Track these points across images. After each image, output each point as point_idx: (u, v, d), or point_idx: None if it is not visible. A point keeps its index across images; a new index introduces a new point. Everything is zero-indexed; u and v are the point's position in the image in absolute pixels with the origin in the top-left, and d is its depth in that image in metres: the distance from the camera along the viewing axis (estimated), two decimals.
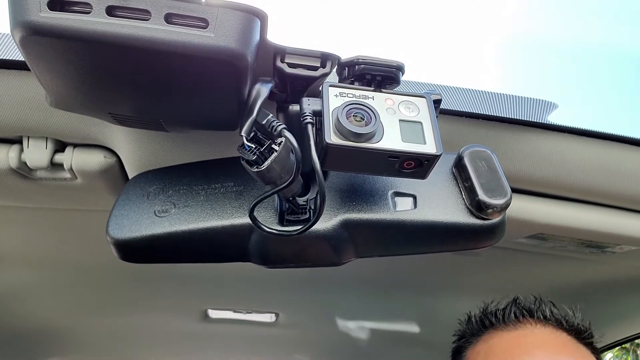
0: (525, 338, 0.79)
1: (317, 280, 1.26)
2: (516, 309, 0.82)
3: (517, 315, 0.81)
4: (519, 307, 0.82)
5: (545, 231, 0.80)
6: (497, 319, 0.83)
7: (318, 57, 0.49)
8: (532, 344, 0.78)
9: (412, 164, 0.46)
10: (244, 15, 0.40)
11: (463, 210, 0.53)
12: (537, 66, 0.67)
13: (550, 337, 0.79)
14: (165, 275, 1.24)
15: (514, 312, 0.82)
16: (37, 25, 0.37)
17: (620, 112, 0.71)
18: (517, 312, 0.82)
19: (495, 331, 0.82)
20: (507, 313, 0.82)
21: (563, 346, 0.78)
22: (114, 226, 0.55)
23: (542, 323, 0.81)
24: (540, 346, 0.78)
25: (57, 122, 0.64)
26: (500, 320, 0.82)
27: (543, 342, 0.78)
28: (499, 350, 0.79)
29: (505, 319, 0.82)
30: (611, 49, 0.68)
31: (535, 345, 0.78)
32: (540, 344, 0.78)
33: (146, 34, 0.38)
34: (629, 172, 0.71)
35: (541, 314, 0.81)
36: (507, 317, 0.82)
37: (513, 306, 0.83)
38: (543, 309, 0.82)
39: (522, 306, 0.82)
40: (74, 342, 1.64)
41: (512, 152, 0.67)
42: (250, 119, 0.44)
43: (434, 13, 0.63)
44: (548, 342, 0.78)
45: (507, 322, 0.82)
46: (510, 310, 0.82)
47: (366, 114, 0.45)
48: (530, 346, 0.78)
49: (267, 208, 0.54)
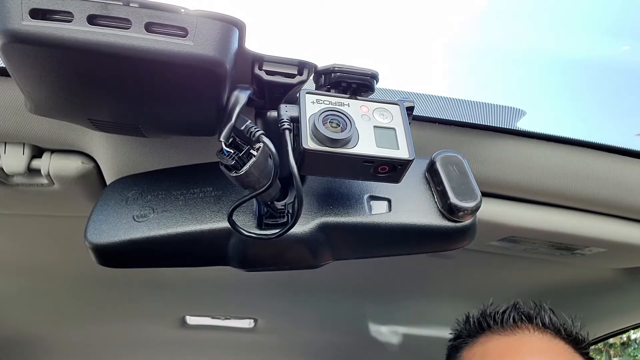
0: (522, 344, 0.79)
1: (295, 286, 1.27)
2: (515, 314, 0.82)
3: (516, 320, 0.81)
4: (518, 312, 0.82)
5: (517, 234, 0.82)
6: (495, 322, 0.82)
7: (295, 65, 0.50)
8: (528, 351, 0.78)
9: (387, 169, 0.47)
10: (223, 25, 0.41)
11: (435, 213, 0.55)
12: (505, 74, 0.70)
13: (547, 345, 0.79)
14: (143, 282, 1.23)
15: (512, 317, 0.81)
16: (19, 33, 0.37)
17: (586, 119, 0.74)
18: (516, 316, 0.81)
19: (492, 334, 0.82)
20: (506, 317, 0.82)
21: (558, 356, 0.78)
22: (93, 231, 0.56)
23: (540, 330, 0.80)
24: (536, 354, 0.77)
25: (35, 128, 0.64)
26: (498, 324, 0.82)
27: (539, 349, 0.78)
28: (494, 354, 0.79)
29: (504, 322, 0.81)
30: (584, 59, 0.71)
31: (531, 352, 0.77)
32: (536, 352, 0.78)
33: (127, 42, 0.39)
34: (595, 176, 0.74)
35: (540, 320, 0.81)
36: (506, 321, 0.81)
37: (512, 310, 0.82)
38: (542, 315, 0.81)
39: (522, 311, 0.82)
40: (50, 350, 1.61)
41: (483, 157, 0.70)
42: (229, 124, 0.45)
43: (408, 22, 0.64)
44: (544, 350, 0.78)
45: (505, 326, 0.81)
46: (510, 315, 0.82)
47: (342, 120, 0.47)
48: (526, 353, 0.77)
49: (245, 212, 0.55)
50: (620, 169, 0.74)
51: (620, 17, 0.68)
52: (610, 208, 0.79)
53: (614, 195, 0.76)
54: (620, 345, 3.93)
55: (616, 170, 0.74)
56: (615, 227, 0.81)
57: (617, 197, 0.76)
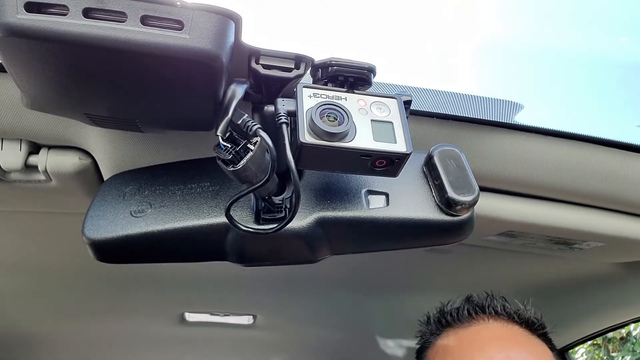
0: (478, 333, 0.82)
1: (294, 282, 1.27)
2: (469, 307, 0.86)
3: (470, 312, 0.85)
4: (472, 305, 0.86)
5: (515, 228, 0.82)
6: (452, 317, 0.86)
7: (292, 58, 0.50)
8: (484, 339, 0.81)
9: (384, 163, 0.47)
10: (219, 18, 0.41)
11: (433, 207, 0.55)
12: (504, 68, 0.70)
13: (502, 330, 0.82)
14: (142, 279, 1.23)
15: (467, 310, 0.85)
16: (14, 26, 0.37)
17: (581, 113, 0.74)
18: (470, 309, 0.85)
19: (451, 329, 0.86)
20: (461, 311, 0.86)
21: (514, 338, 0.82)
22: (90, 227, 0.55)
23: (494, 318, 0.84)
24: (492, 340, 0.81)
25: (32, 124, 0.63)
26: (455, 319, 0.86)
27: (495, 335, 0.82)
28: (454, 347, 0.82)
29: (460, 317, 0.85)
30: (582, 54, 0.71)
31: (488, 340, 0.81)
32: (493, 338, 0.81)
33: (122, 35, 0.39)
34: (593, 170, 0.74)
35: (492, 309, 0.84)
36: (461, 315, 0.85)
37: (466, 304, 0.86)
38: (494, 304, 0.85)
39: (475, 303, 0.86)
40: (49, 347, 1.62)
41: (481, 152, 0.70)
42: (226, 119, 0.45)
43: (406, 17, 0.64)
44: (500, 335, 0.82)
45: (462, 319, 0.85)
46: (464, 308, 0.86)
47: (339, 114, 0.47)
48: (483, 340, 0.81)
49: (243, 207, 0.55)
50: (618, 163, 0.74)
51: (615, 8, 0.68)
52: (608, 202, 0.79)
53: (612, 190, 0.76)
54: (619, 340, 3.94)
55: (614, 164, 0.74)
56: (613, 221, 0.81)
57: (615, 191, 0.76)
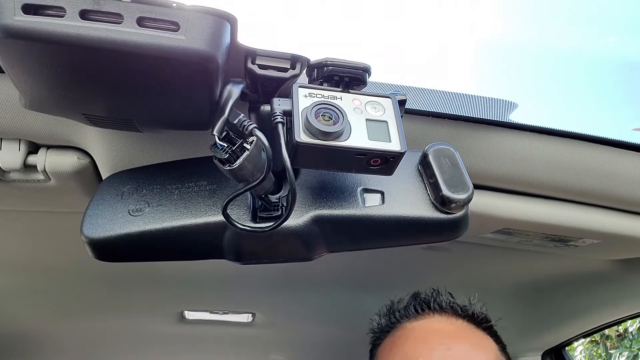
0: (422, 327, 0.86)
1: (293, 280, 1.28)
2: (415, 303, 0.89)
3: (417, 308, 0.88)
4: (418, 301, 0.89)
5: (511, 226, 0.83)
6: (400, 314, 0.89)
7: (288, 59, 0.51)
8: (428, 332, 0.84)
9: (379, 161, 0.48)
10: (214, 19, 0.42)
11: (428, 205, 0.55)
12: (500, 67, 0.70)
13: (446, 324, 0.86)
14: (141, 277, 1.23)
15: (413, 306, 0.88)
16: (12, 28, 0.38)
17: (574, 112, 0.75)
18: (417, 305, 0.88)
19: (400, 325, 0.89)
20: (408, 307, 0.89)
21: (457, 331, 0.85)
22: (88, 225, 0.56)
23: (439, 313, 0.87)
24: (435, 333, 0.84)
25: (30, 124, 0.64)
26: (402, 315, 0.89)
27: (438, 329, 0.85)
28: (400, 341, 0.85)
29: (407, 313, 0.88)
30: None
31: (431, 333, 0.84)
32: (436, 331, 0.84)
33: (119, 36, 0.39)
34: (587, 168, 0.74)
35: (437, 304, 0.87)
36: (408, 311, 0.88)
37: (413, 300, 0.89)
38: (439, 299, 0.88)
39: (421, 299, 0.89)
40: (49, 346, 1.62)
41: (475, 150, 0.70)
42: (222, 118, 0.46)
43: (402, 17, 0.65)
44: (443, 328, 0.85)
45: (409, 315, 0.88)
46: (410, 304, 0.89)
47: (334, 113, 0.47)
48: (427, 334, 0.84)
49: (240, 206, 0.55)
50: (612, 160, 0.74)
51: (603, 7, 0.68)
52: (603, 200, 0.79)
53: (607, 187, 0.77)
54: (616, 337, 3.94)
55: (608, 161, 0.74)
56: (608, 218, 0.82)
57: (609, 188, 0.77)
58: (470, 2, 0.66)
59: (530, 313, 1.27)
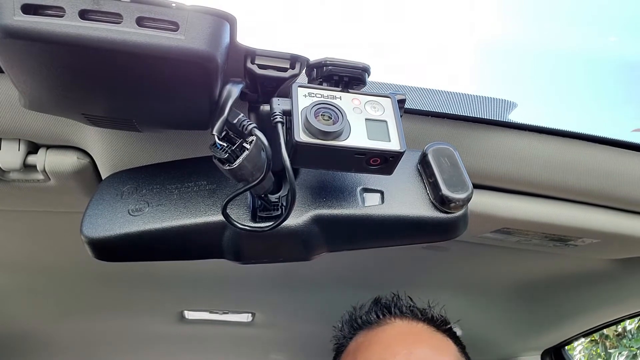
0: (384, 333, 0.86)
1: (293, 279, 1.28)
2: (376, 308, 0.89)
3: (378, 313, 0.89)
4: (379, 306, 0.90)
5: (510, 225, 0.83)
6: (362, 320, 0.90)
7: (287, 58, 0.51)
8: (390, 337, 0.85)
9: (378, 161, 0.48)
10: (214, 19, 0.42)
11: (427, 205, 0.56)
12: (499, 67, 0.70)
13: (407, 328, 0.87)
14: (141, 277, 1.23)
15: (374, 312, 0.89)
16: (11, 28, 0.38)
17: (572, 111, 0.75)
18: (378, 310, 0.89)
19: (362, 331, 0.89)
20: (369, 313, 0.89)
21: (418, 335, 0.86)
22: (88, 225, 0.56)
23: (400, 317, 0.88)
24: (397, 338, 0.85)
25: (30, 124, 0.64)
26: (364, 321, 0.89)
27: (400, 333, 0.86)
28: (363, 347, 0.86)
29: (369, 319, 0.89)
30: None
31: (393, 338, 0.85)
32: (397, 336, 0.85)
33: (118, 36, 0.39)
34: (587, 167, 0.74)
35: (398, 309, 0.89)
36: (370, 317, 0.89)
37: (374, 306, 0.90)
38: (400, 304, 0.89)
39: (382, 304, 0.90)
40: (49, 346, 1.62)
41: (475, 149, 0.70)
42: (222, 118, 0.46)
43: (401, 17, 0.65)
44: (404, 332, 0.86)
45: (371, 321, 0.89)
46: (372, 310, 0.90)
47: (334, 113, 0.47)
48: (389, 339, 0.85)
49: (239, 205, 0.55)
50: (611, 160, 0.74)
51: (603, 7, 0.68)
52: (602, 199, 0.80)
53: (606, 187, 0.77)
54: (616, 336, 3.95)
55: (608, 161, 0.74)
56: (607, 218, 0.82)
57: (608, 188, 0.77)
58: (470, 2, 0.66)
59: (530, 312, 1.27)
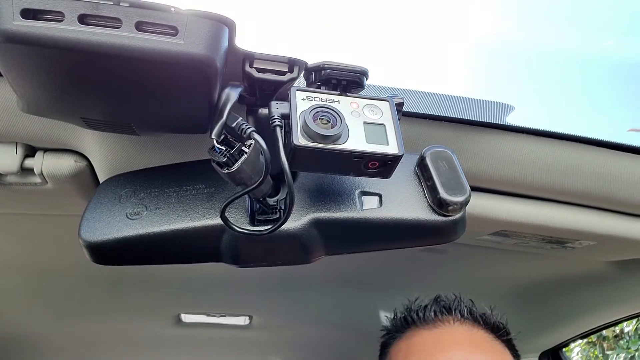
0: (442, 336, 0.82)
1: (290, 282, 1.28)
2: (436, 307, 0.85)
3: (437, 313, 0.85)
4: (439, 305, 0.86)
5: (508, 228, 0.83)
6: (418, 317, 0.86)
7: (286, 62, 0.51)
8: (448, 342, 0.81)
9: (377, 164, 0.48)
10: (213, 23, 0.42)
11: (426, 208, 0.56)
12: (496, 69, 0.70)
13: (466, 334, 0.82)
14: (138, 280, 1.23)
15: (433, 311, 0.85)
16: (11, 33, 0.38)
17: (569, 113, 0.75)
18: (437, 310, 0.85)
19: (417, 329, 0.85)
20: (427, 311, 0.85)
21: (478, 343, 0.81)
22: (86, 229, 0.56)
23: (459, 321, 0.84)
24: (455, 344, 0.81)
25: (27, 127, 0.64)
26: (421, 318, 0.85)
27: (459, 340, 0.82)
28: (417, 348, 0.82)
29: (426, 317, 0.85)
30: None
31: (451, 344, 0.81)
32: (456, 342, 0.81)
33: (117, 41, 0.39)
34: (584, 170, 0.75)
35: (459, 312, 0.84)
36: (427, 315, 0.85)
37: (433, 304, 0.86)
38: (461, 307, 0.85)
39: (442, 304, 0.86)
40: (46, 348, 1.62)
41: (472, 152, 0.70)
42: (220, 122, 0.46)
43: (399, 20, 0.65)
44: (464, 340, 0.82)
45: (428, 320, 0.85)
46: (431, 309, 0.85)
47: (332, 116, 0.47)
48: (447, 344, 0.81)
49: (238, 209, 0.55)
50: (608, 162, 0.75)
51: (600, 10, 0.69)
52: (599, 201, 0.80)
53: (603, 189, 0.77)
54: (613, 338, 3.96)
55: (604, 163, 0.74)
56: (605, 220, 0.82)
57: (606, 190, 0.77)
58: (466, 5, 0.67)
59: (527, 314, 1.27)
